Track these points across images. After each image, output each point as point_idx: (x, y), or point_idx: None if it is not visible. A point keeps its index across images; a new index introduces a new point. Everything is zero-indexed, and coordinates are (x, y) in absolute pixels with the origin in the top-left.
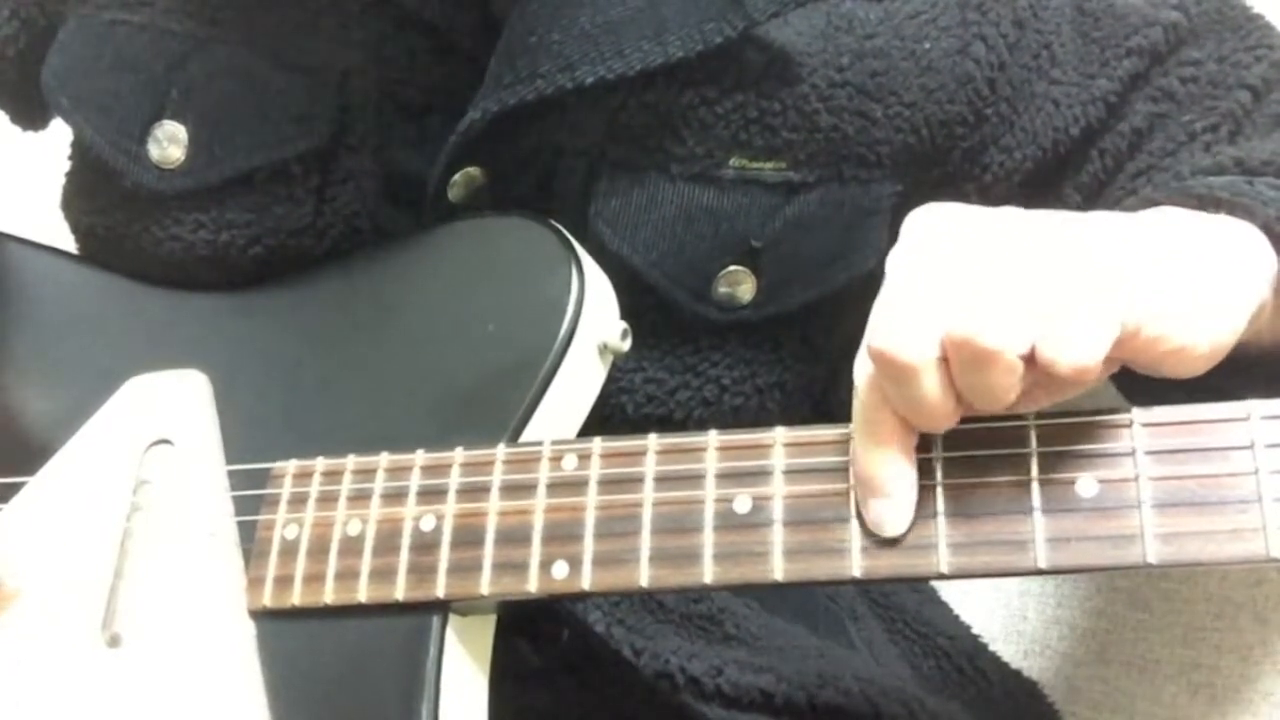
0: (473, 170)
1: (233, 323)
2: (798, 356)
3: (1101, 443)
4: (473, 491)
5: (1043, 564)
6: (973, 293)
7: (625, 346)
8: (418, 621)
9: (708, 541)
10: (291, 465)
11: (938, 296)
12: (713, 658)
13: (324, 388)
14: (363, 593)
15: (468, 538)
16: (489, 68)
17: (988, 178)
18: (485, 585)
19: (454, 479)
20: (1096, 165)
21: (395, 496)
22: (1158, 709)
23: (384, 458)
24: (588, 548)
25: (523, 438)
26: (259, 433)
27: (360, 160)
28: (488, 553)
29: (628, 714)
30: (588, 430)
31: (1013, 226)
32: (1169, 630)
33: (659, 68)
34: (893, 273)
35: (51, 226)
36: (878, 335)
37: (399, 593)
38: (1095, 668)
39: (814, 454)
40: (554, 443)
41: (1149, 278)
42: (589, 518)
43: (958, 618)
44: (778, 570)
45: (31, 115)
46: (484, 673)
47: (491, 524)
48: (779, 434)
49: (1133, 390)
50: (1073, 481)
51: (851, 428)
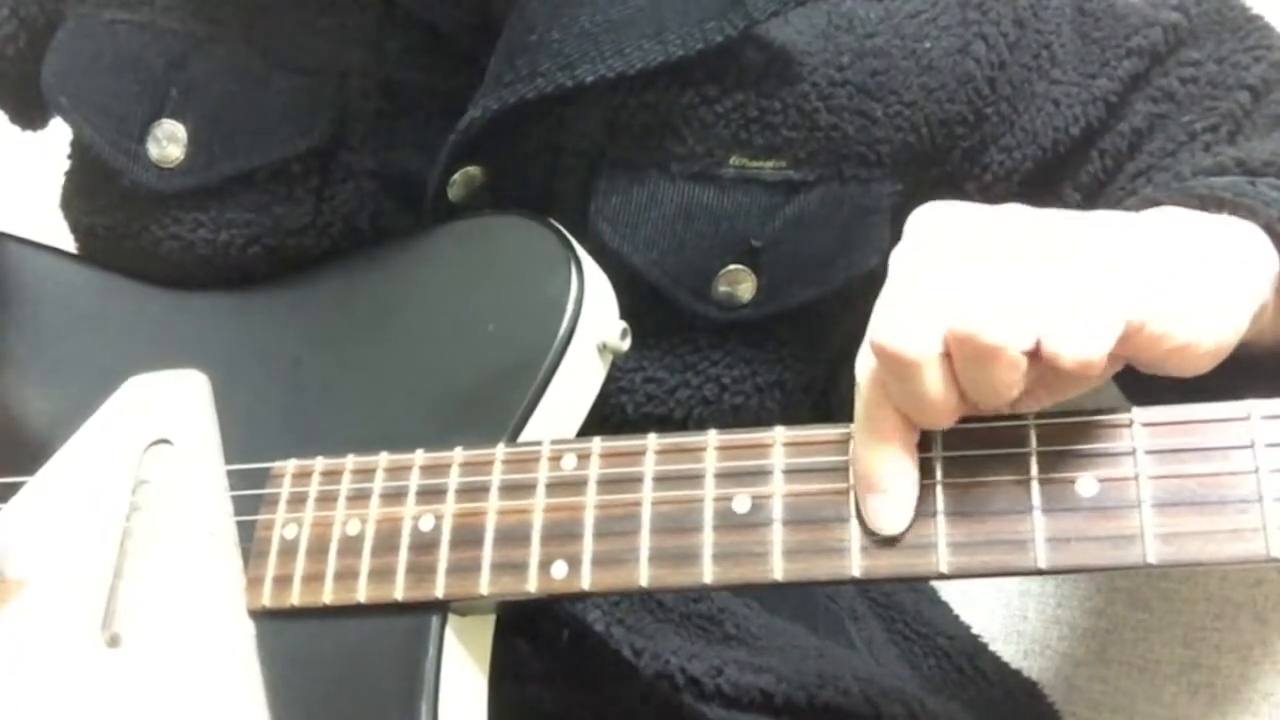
0: (472, 169)
1: (232, 322)
2: (798, 355)
3: (1101, 442)
4: (472, 491)
5: (1043, 564)
6: (976, 289)
7: (625, 346)
8: (417, 621)
9: (707, 541)
10: (291, 465)
11: (941, 292)
12: (712, 658)
13: (323, 387)
14: (362, 593)
15: (467, 537)
16: (489, 67)
17: (988, 177)
18: (484, 585)
19: (453, 479)
20: (1096, 165)
21: (394, 496)
22: (1158, 709)
23: (383, 457)
24: (587, 547)
25: (522, 437)
26: (258, 432)
27: (360, 160)
28: (487, 553)
29: (627, 714)
30: (587, 430)
31: (1016, 224)
32: (1169, 630)
33: (659, 66)
34: (896, 269)
35: (51, 226)
36: (880, 330)
37: (398, 592)
38: (1095, 668)
39: (813, 453)
40: (553, 442)
41: (1152, 275)
42: (588, 517)
43: (958, 618)
44: (777, 570)
45: (31, 115)
46: (483, 673)
47: (491, 524)
48: (778, 433)
49: (1134, 390)
50: (1073, 481)
51: (852, 425)
